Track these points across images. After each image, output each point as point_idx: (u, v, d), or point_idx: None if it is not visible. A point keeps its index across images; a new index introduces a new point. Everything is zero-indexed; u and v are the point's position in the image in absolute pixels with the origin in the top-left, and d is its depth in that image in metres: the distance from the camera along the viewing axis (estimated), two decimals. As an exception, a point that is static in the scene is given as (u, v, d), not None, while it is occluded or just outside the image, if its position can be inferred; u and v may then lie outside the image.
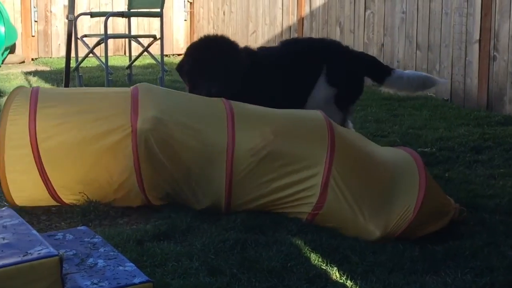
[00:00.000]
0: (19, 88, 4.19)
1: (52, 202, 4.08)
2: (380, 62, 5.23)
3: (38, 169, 3.91)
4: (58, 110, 4.02)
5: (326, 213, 3.75)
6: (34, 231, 2.77)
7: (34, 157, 3.89)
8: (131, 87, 4.16)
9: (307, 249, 3.44)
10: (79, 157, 3.95)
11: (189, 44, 13.11)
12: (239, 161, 3.87)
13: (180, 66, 4.82)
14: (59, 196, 4.03)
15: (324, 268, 3.25)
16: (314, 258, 3.34)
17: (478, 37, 7.28)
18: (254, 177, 3.87)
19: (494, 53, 7.09)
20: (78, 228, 3.33)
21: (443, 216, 3.75)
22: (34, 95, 4.02)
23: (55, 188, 3.98)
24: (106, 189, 4.00)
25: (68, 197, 4.05)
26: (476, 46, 7.31)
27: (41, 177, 3.93)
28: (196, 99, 4.28)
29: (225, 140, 3.89)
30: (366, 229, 3.64)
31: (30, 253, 2.53)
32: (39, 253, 2.53)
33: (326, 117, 4.00)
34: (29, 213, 3.97)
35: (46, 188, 3.97)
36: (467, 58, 7.45)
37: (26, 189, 4.00)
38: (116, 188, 4.00)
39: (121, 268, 2.81)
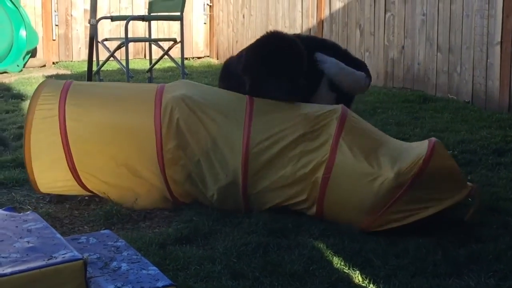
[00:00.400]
0: (48, 79, 4.40)
1: (77, 191, 4.26)
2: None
3: (64, 151, 4.08)
4: (87, 101, 4.19)
5: (338, 174, 3.83)
6: (58, 235, 2.78)
7: (61, 138, 4.07)
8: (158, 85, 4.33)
9: (329, 253, 3.44)
10: (106, 142, 4.11)
11: (209, 47, 13.16)
12: (253, 141, 3.97)
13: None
14: (82, 181, 4.17)
15: (347, 271, 3.25)
16: (336, 262, 3.34)
17: (499, 39, 7.24)
18: (268, 155, 3.97)
19: (516, 55, 7.05)
20: (101, 231, 3.34)
21: (460, 189, 3.79)
22: (67, 86, 4.21)
23: (79, 173, 4.13)
24: (130, 180, 4.11)
25: (93, 185, 4.19)
26: (498, 48, 7.27)
27: (66, 159, 4.09)
28: (222, 91, 4.41)
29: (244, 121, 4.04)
30: (380, 175, 3.74)
31: (54, 256, 2.55)
32: (63, 257, 2.54)
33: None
34: (52, 217, 4.00)
35: (72, 173, 4.12)
36: (488, 60, 7.41)
37: (51, 174, 4.17)
38: (139, 178, 4.10)
39: (144, 271, 2.82)
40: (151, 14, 9.34)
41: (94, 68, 8.61)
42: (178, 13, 8.80)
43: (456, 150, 5.46)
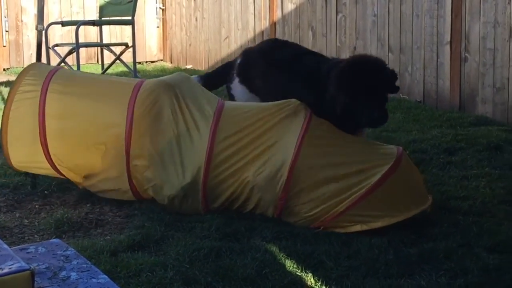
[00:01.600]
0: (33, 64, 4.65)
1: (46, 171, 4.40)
2: None
3: (40, 132, 4.24)
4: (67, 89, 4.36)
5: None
6: (5, 246, 2.73)
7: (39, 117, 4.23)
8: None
9: (282, 256, 3.44)
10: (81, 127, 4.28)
11: (162, 51, 13.10)
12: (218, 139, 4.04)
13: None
14: (52, 161, 4.30)
15: (299, 274, 3.25)
16: (289, 265, 3.34)
17: (449, 39, 7.32)
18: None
19: (465, 55, 7.13)
20: (51, 240, 3.29)
21: (425, 201, 3.90)
22: (51, 73, 4.38)
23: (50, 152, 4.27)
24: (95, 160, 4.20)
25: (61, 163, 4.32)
26: (448, 47, 7.35)
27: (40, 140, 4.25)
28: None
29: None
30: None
31: (1, 268, 2.50)
32: (10, 268, 2.49)
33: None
34: (1, 227, 3.95)
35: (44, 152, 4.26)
36: (438, 60, 7.48)
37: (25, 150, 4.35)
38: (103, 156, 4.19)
39: (94, 280, 2.78)
40: (102, 18, 9.27)
41: (45, 74, 8.52)
42: (129, 17, 8.75)
43: (407, 149, 5.49)
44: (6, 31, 11.89)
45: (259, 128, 4.03)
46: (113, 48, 9.32)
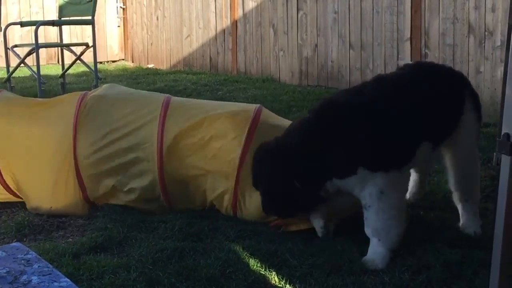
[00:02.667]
0: None
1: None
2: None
3: None
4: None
5: None
6: (-35, 250, 2.70)
7: None
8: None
9: (246, 255, 3.43)
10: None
11: (123, 50, 13.04)
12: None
13: None
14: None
15: (263, 273, 3.25)
16: (253, 264, 3.34)
17: (409, 35, 7.38)
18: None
19: (426, 51, 7.19)
20: (11, 244, 3.25)
21: None
22: None
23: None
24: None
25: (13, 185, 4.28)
26: (408, 44, 7.40)
27: None
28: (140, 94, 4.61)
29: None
30: None
31: (-40, 273, 2.47)
32: (-31, 274, 2.46)
33: None
34: (-39, 231, 3.90)
35: None
36: (399, 56, 7.54)
37: None
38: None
39: (56, 284, 2.75)
40: (62, 18, 9.18)
41: (5, 75, 8.44)
42: (89, 17, 8.68)
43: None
44: (-35, 32, 11.73)
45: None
46: (73, 48, 9.24)
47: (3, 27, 8.72)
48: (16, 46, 8.94)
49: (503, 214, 2.26)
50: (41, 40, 9.51)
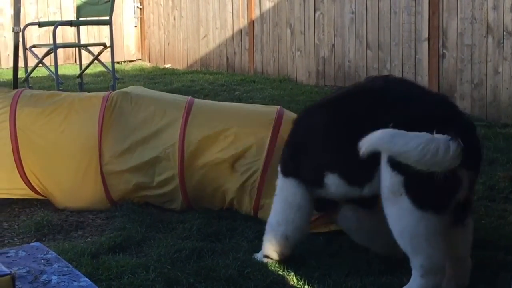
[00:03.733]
0: None
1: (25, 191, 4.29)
2: None
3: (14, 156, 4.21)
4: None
5: None
6: (-15, 250, 2.71)
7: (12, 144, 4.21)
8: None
9: (264, 255, 3.43)
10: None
11: (140, 50, 13.07)
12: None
13: None
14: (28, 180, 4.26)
15: (281, 273, 3.25)
16: (271, 264, 3.34)
17: (427, 35, 7.35)
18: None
19: (443, 51, 7.16)
20: (31, 244, 3.27)
21: None
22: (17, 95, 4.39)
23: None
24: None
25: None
26: (426, 44, 7.37)
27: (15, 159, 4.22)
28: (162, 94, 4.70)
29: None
30: None
31: (-19, 273, 2.48)
32: (-10, 273, 2.47)
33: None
34: (-20, 230, 3.92)
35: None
36: (417, 56, 7.51)
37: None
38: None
39: (75, 283, 2.76)
40: (80, 19, 9.21)
41: (23, 75, 8.48)
42: (107, 17, 8.70)
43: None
44: (-17, 32, 11.80)
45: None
46: (91, 48, 9.27)
47: (21, 27, 8.75)
48: (34, 46, 8.98)
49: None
50: (58, 40, 9.55)
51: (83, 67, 9.14)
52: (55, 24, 8.66)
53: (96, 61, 8.89)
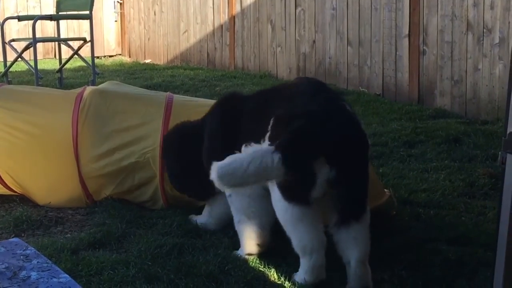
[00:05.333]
0: None
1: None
2: None
3: None
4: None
5: None
6: (-37, 246, 2.69)
7: None
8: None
9: (245, 251, 3.42)
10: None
11: (120, 45, 13.01)
12: None
13: None
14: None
15: (262, 270, 3.24)
16: (252, 260, 3.33)
17: (407, 32, 7.37)
18: None
19: (424, 47, 7.18)
20: (10, 240, 3.24)
21: (381, 196, 3.83)
22: None
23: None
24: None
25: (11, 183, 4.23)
26: (406, 40, 7.39)
27: None
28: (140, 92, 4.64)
29: None
30: None
31: (-41, 269, 2.46)
32: (-32, 269, 2.45)
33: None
34: (-41, 226, 3.89)
35: None
36: (397, 53, 7.53)
37: None
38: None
39: (55, 280, 2.74)
40: (59, 13, 9.17)
41: (2, 69, 8.42)
42: (87, 12, 8.67)
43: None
44: (-39, 26, 11.70)
45: None
46: (70, 42, 9.23)
47: (0, 21, 8.69)
48: (13, 40, 8.93)
49: (508, 213, 2.25)
50: (38, 35, 9.49)
51: (63, 61, 9.10)
52: (35, 18, 8.62)
53: (76, 56, 8.86)
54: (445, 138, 5.61)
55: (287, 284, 3.11)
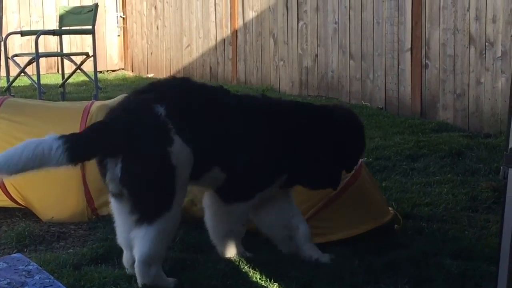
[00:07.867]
0: None
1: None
2: None
3: None
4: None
5: None
6: (-35, 262, 2.68)
7: None
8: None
9: (246, 266, 3.41)
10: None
11: (123, 60, 13.03)
12: None
13: None
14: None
15: (264, 285, 3.23)
16: (254, 275, 3.32)
17: (409, 46, 7.37)
18: None
19: (426, 61, 7.19)
20: (12, 255, 3.24)
21: (385, 214, 3.82)
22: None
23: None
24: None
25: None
26: (408, 54, 7.40)
27: None
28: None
29: None
30: None
31: (-39, 285, 2.45)
32: (-30, 285, 2.45)
33: None
34: (-39, 241, 3.88)
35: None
36: (400, 67, 7.53)
37: None
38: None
39: (57, 295, 2.74)
40: (62, 28, 9.20)
41: (5, 84, 8.44)
42: (90, 27, 8.70)
43: (371, 157, 5.52)
44: (-36, 41, 11.72)
45: None
46: (73, 57, 9.25)
47: (3, 36, 8.71)
48: (16, 55, 8.96)
49: (510, 227, 2.25)
50: (41, 50, 9.52)
51: (66, 76, 9.12)
52: (38, 33, 8.64)
53: (78, 71, 8.88)
54: (447, 151, 5.61)
55: (289, 299, 3.11)
